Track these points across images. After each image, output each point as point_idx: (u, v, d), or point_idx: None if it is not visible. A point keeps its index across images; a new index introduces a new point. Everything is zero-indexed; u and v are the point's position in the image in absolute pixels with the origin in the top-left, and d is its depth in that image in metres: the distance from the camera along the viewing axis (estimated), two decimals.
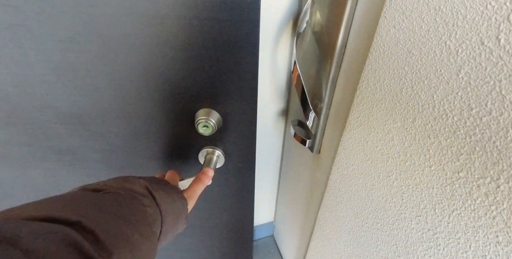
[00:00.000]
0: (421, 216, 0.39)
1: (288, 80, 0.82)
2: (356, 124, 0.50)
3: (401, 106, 0.39)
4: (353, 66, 0.51)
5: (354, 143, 0.52)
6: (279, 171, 1.06)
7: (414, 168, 0.39)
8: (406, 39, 0.36)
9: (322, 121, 0.64)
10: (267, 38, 0.73)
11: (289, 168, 0.95)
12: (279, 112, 0.89)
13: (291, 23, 0.72)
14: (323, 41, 0.59)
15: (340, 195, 0.60)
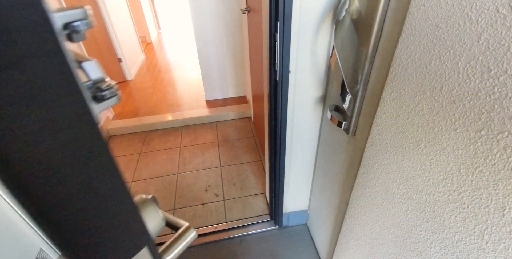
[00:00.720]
0: (448, 179, 0.42)
1: (327, 68, 0.88)
2: (389, 100, 0.54)
3: (430, 77, 0.43)
4: (388, 47, 0.55)
5: (387, 118, 0.56)
6: (315, 159, 1.11)
7: (441, 133, 0.42)
8: (434, 14, 0.41)
9: (358, 102, 0.69)
10: (308, 29, 0.80)
11: (325, 153, 0.99)
12: (317, 99, 0.94)
13: (331, 13, 0.78)
14: (361, 27, 0.64)
15: (372, 171, 0.64)
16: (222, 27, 2.16)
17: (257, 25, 1.46)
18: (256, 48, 1.60)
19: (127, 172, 1.72)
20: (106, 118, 2.17)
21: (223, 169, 1.73)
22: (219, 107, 2.39)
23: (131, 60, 3.31)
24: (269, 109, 0.99)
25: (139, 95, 2.71)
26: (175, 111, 2.37)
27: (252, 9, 1.60)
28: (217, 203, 1.46)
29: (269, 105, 0.98)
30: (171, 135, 2.12)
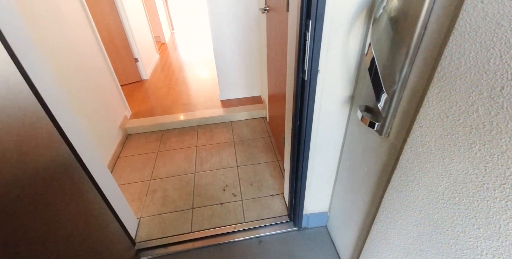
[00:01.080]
0: (506, 184, 0.40)
1: (357, 67, 0.86)
2: (435, 100, 0.52)
3: (488, 77, 0.41)
4: (433, 46, 0.53)
5: (432, 119, 0.53)
6: (339, 160, 1.09)
7: (500, 136, 0.40)
8: (495, 12, 0.38)
9: (395, 102, 0.66)
10: (340, 27, 0.78)
11: (351, 155, 0.97)
12: (345, 99, 0.92)
13: (365, 11, 0.76)
14: (400, 25, 0.62)
15: (412, 174, 0.61)
16: (239, 26, 2.16)
17: (277, 24, 1.45)
18: (275, 48, 1.59)
19: (146, 170, 1.74)
20: (124, 117, 2.20)
21: (239, 168, 1.72)
22: (234, 107, 2.39)
23: (147, 60, 3.36)
24: (294, 110, 0.97)
25: (154, 94, 2.75)
26: (190, 110, 2.39)
27: (272, 9, 1.59)
28: (235, 203, 1.46)
29: (294, 106, 0.97)
30: (187, 134, 2.14)
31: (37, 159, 0.69)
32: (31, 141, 0.69)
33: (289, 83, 1.11)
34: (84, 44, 1.77)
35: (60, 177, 0.77)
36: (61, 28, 1.51)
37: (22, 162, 0.64)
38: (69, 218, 0.78)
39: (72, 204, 0.80)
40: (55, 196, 0.73)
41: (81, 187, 0.88)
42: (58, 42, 1.46)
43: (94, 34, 1.95)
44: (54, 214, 0.71)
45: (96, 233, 0.91)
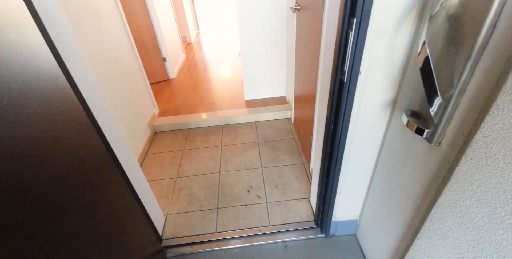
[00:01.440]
0: None
1: (403, 68, 0.80)
2: (507, 108, 0.46)
3: None
4: (504, 47, 0.46)
5: (502, 129, 0.47)
6: (374, 166, 1.03)
7: None
8: None
9: (451, 108, 0.60)
10: (387, 25, 0.73)
11: (390, 162, 0.91)
12: (386, 102, 0.87)
13: (416, 8, 0.70)
14: (460, 23, 0.56)
15: (471, 189, 0.55)
16: (267, 26, 2.13)
17: (309, 23, 1.40)
18: (305, 48, 1.54)
19: (172, 168, 1.78)
20: (152, 115, 2.26)
21: (264, 170, 1.70)
22: (258, 107, 2.37)
23: (174, 59, 3.44)
24: (330, 112, 0.93)
25: (181, 93, 2.80)
26: (215, 110, 2.41)
27: (304, 7, 1.54)
28: (259, 205, 1.44)
29: (329, 108, 0.93)
30: (212, 133, 2.15)
31: (74, 153, 0.72)
32: (69, 135, 0.71)
33: (323, 84, 1.07)
34: (119, 44, 1.84)
35: (94, 170, 0.79)
36: (99, 29, 1.57)
37: (60, 155, 0.66)
38: (100, 211, 0.80)
39: (104, 198, 0.82)
40: (88, 189, 0.75)
41: (113, 181, 0.90)
42: (97, 43, 1.52)
43: (127, 35, 2.02)
44: (86, 205, 0.72)
45: (125, 229, 0.93)
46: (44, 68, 0.64)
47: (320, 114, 1.18)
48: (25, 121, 0.54)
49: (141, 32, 2.81)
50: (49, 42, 0.67)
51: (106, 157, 0.87)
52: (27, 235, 0.52)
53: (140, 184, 1.15)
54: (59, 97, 0.68)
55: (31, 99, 0.58)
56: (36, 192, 0.56)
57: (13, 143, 0.51)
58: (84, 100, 0.80)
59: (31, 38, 0.61)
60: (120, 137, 1.02)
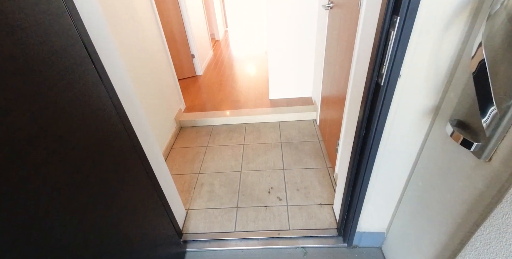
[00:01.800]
0: None
1: (449, 73, 0.72)
2: None
3: None
4: None
5: None
6: (407, 178, 0.95)
7: None
8: None
9: (507, 121, 0.53)
10: (435, 25, 0.66)
11: (426, 175, 0.84)
12: (427, 110, 0.79)
13: (470, 6, 0.63)
14: None
15: None
16: (297, 24, 2.08)
17: (343, 22, 1.34)
18: (337, 47, 1.48)
19: (195, 163, 1.81)
20: (179, 110, 2.32)
21: (286, 172, 1.67)
22: (283, 107, 2.33)
23: (202, 56, 3.50)
24: (362, 116, 0.87)
25: (207, 90, 2.84)
26: (239, 108, 2.41)
27: (337, 5, 1.47)
28: (280, 208, 1.41)
29: (362, 112, 0.87)
30: (235, 131, 2.15)
31: (108, 144, 0.74)
32: (102, 126, 0.73)
33: (355, 86, 1.01)
34: (151, 40, 1.90)
35: (123, 161, 0.82)
36: (134, 24, 1.63)
37: (97, 148, 0.69)
38: (125, 201, 0.82)
39: (130, 189, 0.85)
40: (116, 178, 0.77)
41: (139, 174, 0.92)
42: (131, 38, 1.58)
43: (159, 31, 2.08)
44: (112, 195, 0.74)
45: (147, 220, 0.96)
46: (81, 61, 0.67)
47: (349, 117, 1.13)
48: (66, 109, 0.57)
49: (172, 29, 2.89)
50: (83, 33, 0.69)
51: (134, 148, 0.90)
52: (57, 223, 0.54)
53: (164, 177, 1.17)
54: (92, 90, 0.71)
55: (71, 91, 0.60)
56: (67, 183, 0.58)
57: (59, 127, 0.53)
58: (116, 94, 0.82)
59: (67, 28, 0.64)
60: (147, 130, 1.04)
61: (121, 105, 0.84)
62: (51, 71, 0.56)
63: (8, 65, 0.46)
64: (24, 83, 0.49)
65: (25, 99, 0.49)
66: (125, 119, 0.86)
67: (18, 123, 0.47)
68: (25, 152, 0.48)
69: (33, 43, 0.52)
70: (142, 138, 0.97)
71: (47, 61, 0.55)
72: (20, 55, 0.49)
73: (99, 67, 0.74)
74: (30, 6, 0.52)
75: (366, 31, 0.90)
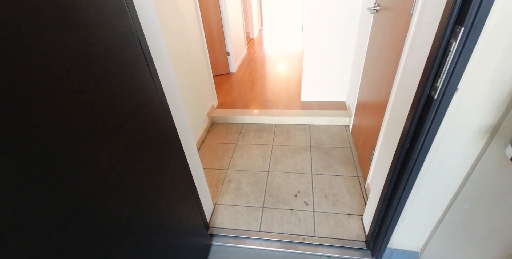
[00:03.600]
0: None
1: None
2: None
3: None
4: None
5: None
6: (452, 198, 0.89)
7: None
8: None
9: None
10: (503, 37, 0.61)
11: (476, 197, 0.78)
12: (483, 127, 0.73)
13: None
14: None
15: None
16: (336, 26, 2.02)
17: (390, 26, 1.27)
18: (380, 52, 1.41)
19: (224, 160, 1.85)
20: (212, 106, 2.39)
21: (314, 176, 1.64)
22: (314, 110, 2.29)
23: (236, 54, 3.55)
24: (408, 129, 0.83)
25: (239, 88, 2.88)
26: (270, 108, 2.41)
27: (385, 8, 1.41)
28: (306, 212, 1.40)
29: (409, 124, 0.83)
30: (265, 131, 2.17)
31: (153, 135, 0.79)
32: (150, 117, 0.78)
33: (400, 95, 0.96)
34: (191, 37, 1.97)
35: (163, 150, 0.86)
36: (177, 21, 1.70)
37: (144, 136, 0.74)
38: (162, 188, 0.87)
39: (169, 176, 0.89)
40: (157, 165, 0.81)
41: (179, 163, 0.96)
42: (174, 33, 1.65)
43: (200, 28, 2.14)
44: (151, 181, 0.79)
45: (179, 209, 1.00)
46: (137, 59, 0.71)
47: (390, 127, 1.08)
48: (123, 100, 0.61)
49: (210, 27, 2.96)
50: (139, 32, 0.73)
51: (173, 140, 0.94)
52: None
53: (196, 169, 1.22)
54: (144, 84, 0.75)
55: (126, 84, 0.65)
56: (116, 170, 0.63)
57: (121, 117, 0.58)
58: (162, 88, 0.86)
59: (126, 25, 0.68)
60: (185, 123, 1.09)
61: (165, 99, 0.88)
62: (113, 66, 0.61)
63: (82, 61, 0.51)
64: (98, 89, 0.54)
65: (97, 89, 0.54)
66: (168, 112, 0.91)
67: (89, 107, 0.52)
68: (97, 131, 0.53)
69: (98, 39, 0.57)
70: (181, 130, 1.02)
71: (110, 57, 0.60)
72: (88, 50, 0.54)
73: (150, 63, 0.79)
74: (96, 5, 0.57)
75: (419, 38, 0.85)
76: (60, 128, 0.48)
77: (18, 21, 0.40)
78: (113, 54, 0.61)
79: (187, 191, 1.07)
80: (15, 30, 0.39)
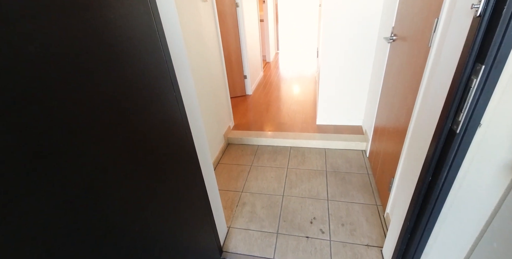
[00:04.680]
0: None
1: None
2: None
3: None
4: None
5: None
6: (479, 235, 0.85)
7: None
8: None
9: None
10: None
11: (506, 236, 0.74)
12: (509, 163, 0.72)
13: None
14: None
15: None
16: (352, 52, 2.09)
17: (407, 56, 1.31)
18: (397, 80, 1.44)
19: (239, 181, 1.86)
20: (228, 127, 2.44)
21: (330, 203, 1.61)
22: (330, 133, 2.29)
23: (253, 77, 3.68)
24: (430, 162, 0.82)
25: (255, 110, 2.95)
26: (285, 130, 2.44)
27: (401, 38, 1.45)
28: (322, 241, 1.35)
29: (431, 157, 0.82)
30: (280, 153, 2.17)
31: (174, 151, 0.82)
32: (172, 132, 0.82)
33: (420, 125, 0.96)
34: (212, 60, 2.08)
35: (182, 168, 0.89)
36: (200, 49, 1.82)
37: (167, 155, 0.77)
38: (178, 205, 0.88)
39: (183, 195, 0.90)
40: (174, 183, 0.84)
41: (193, 182, 0.98)
42: (197, 59, 1.76)
43: (220, 52, 2.27)
44: (168, 198, 0.81)
45: (194, 229, 1.00)
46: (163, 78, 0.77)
47: (410, 156, 1.06)
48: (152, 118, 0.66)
49: (230, 51, 3.13)
50: (166, 52, 0.79)
51: (192, 159, 0.97)
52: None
53: (212, 190, 1.23)
54: (168, 101, 0.81)
55: (159, 113, 0.70)
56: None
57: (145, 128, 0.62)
58: (183, 106, 0.91)
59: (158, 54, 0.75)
60: (204, 142, 1.12)
61: (186, 117, 0.93)
62: (148, 97, 0.67)
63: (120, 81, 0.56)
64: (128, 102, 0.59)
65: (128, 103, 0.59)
66: (190, 137, 0.95)
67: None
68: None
69: (136, 59, 0.63)
70: (199, 149, 1.05)
71: (148, 89, 0.66)
72: (131, 82, 0.59)
73: (177, 93, 0.85)
74: (137, 26, 0.63)
75: (438, 72, 0.87)
76: (101, 157, 0.52)
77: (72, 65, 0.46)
78: (151, 87, 0.68)
79: (204, 214, 1.08)
80: (69, 73, 0.46)
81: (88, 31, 0.48)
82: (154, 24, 0.71)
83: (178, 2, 1.47)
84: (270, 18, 4.97)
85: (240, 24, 3.03)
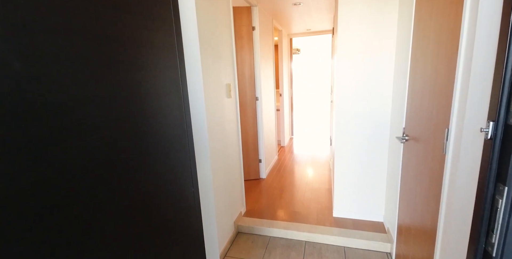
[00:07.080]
0: None
1: None
2: None
3: None
4: None
5: None
6: None
7: None
8: None
9: None
10: None
11: None
12: None
13: None
14: None
15: None
16: (366, 146, 2.19)
17: (420, 158, 1.35)
18: (417, 180, 1.43)
19: None
20: (239, 214, 2.33)
21: None
22: (349, 229, 2.11)
23: (267, 161, 3.80)
24: None
25: (268, 195, 2.88)
26: (299, 220, 2.28)
27: (413, 139, 1.54)
28: None
29: None
30: (293, 248, 1.96)
31: (185, 236, 0.76)
32: (184, 222, 0.78)
33: (453, 245, 0.89)
34: (231, 146, 2.22)
35: (188, 255, 0.80)
36: (222, 135, 1.99)
37: (175, 240, 0.71)
38: None
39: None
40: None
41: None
42: (218, 144, 1.89)
43: (238, 139, 2.45)
44: None
45: None
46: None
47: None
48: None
49: (247, 137, 3.37)
50: (190, 138, 0.87)
51: (201, 249, 0.89)
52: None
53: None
54: (184, 184, 0.81)
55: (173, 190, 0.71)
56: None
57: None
58: (198, 192, 0.91)
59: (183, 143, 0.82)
60: (213, 234, 1.05)
61: (200, 208, 0.92)
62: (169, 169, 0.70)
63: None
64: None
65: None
66: (200, 219, 0.91)
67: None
68: None
69: (162, 126, 0.69)
70: (208, 241, 0.98)
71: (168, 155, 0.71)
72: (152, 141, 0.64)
73: (194, 178, 0.89)
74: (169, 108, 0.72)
75: (459, 186, 0.88)
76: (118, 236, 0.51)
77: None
78: (173, 185, 0.73)
79: None
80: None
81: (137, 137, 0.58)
82: (185, 125, 0.84)
83: (207, 99, 1.73)
84: (286, 107, 5.58)
85: (258, 114, 3.41)
